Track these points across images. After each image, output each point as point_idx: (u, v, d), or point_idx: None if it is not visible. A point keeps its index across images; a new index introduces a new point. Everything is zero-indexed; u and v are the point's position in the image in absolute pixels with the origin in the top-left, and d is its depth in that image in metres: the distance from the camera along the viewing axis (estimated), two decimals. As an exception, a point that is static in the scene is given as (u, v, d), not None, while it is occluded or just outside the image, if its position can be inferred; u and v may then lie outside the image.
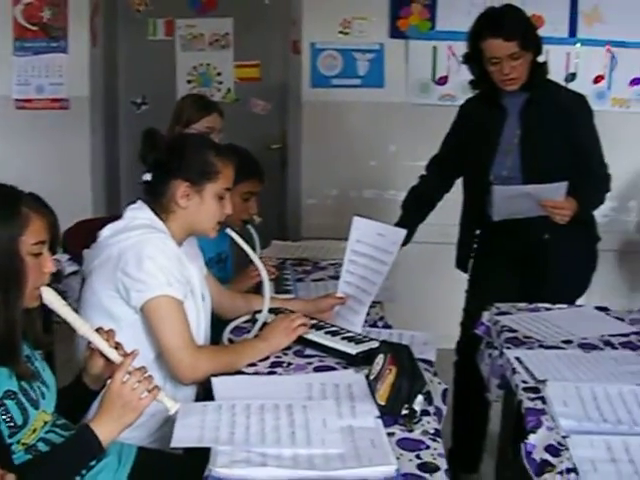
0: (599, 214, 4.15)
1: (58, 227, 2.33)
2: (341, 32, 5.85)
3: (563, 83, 5.57)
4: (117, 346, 2.34)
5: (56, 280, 2.69)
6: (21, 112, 6.14)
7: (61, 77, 6.07)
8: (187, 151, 2.94)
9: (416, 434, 2.29)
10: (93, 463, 2.32)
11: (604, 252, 5.61)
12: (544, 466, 2.10)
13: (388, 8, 5.83)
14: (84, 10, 6.03)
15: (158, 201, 2.91)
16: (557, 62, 5.68)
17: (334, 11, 5.82)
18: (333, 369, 2.78)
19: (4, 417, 2.14)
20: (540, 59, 3.90)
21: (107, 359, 2.34)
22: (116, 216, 2.99)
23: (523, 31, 3.76)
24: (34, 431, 2.24)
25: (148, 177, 2.94)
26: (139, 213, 2.92)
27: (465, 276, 4.18)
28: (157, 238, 2.83)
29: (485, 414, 4.14)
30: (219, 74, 6.35)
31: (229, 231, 3.07)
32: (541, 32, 4.78)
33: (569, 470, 2.03)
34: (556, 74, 5.36)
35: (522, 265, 3.97)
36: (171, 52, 6.36)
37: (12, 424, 2.16)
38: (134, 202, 2.99)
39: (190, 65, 6.36)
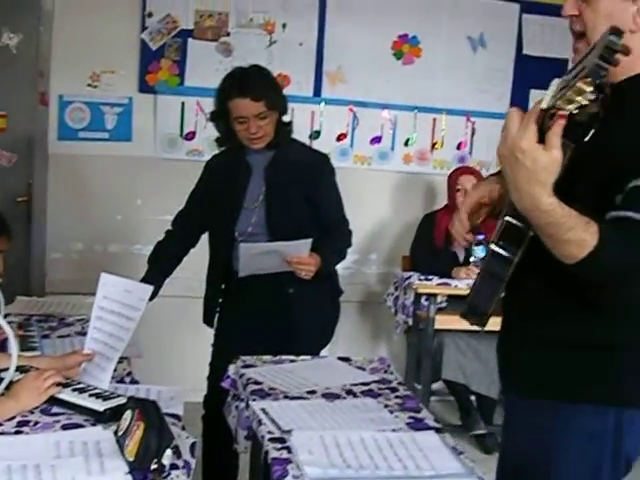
0: (342, 266, 4.31)
1: None
2: (90, 85, 5.83)
3: (308, 140, 5.80)
4: None
5: None
6: None
7: None
8: None
9: (165, 487, 2.32)
10: None
11: (347, 303, 5.83)
12: (289, 514, 2.17)
13: (137, 62, 5.87)
14: None
15: None
16: (302, 120, 5.92)
17: (83, 64, 5.80)
18: (81, 426, 2.75)
19: None
20: (285, 118, 4.04)
21: None
22: None
23: (269, 91, 3.89)
24: None
25: None
26: None
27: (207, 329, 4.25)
28: None
29: (235, 466, 4.20)
30: (-38, 124, 6.18)
31: None
32: (287, 91, 4.97)
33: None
34: (301, 131, 5.61)
35: (267, 319, 4.04)
36: None
37: None
38: None
39: None
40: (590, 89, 1.84)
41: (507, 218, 2.24)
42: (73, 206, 5.95)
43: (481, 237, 4.25)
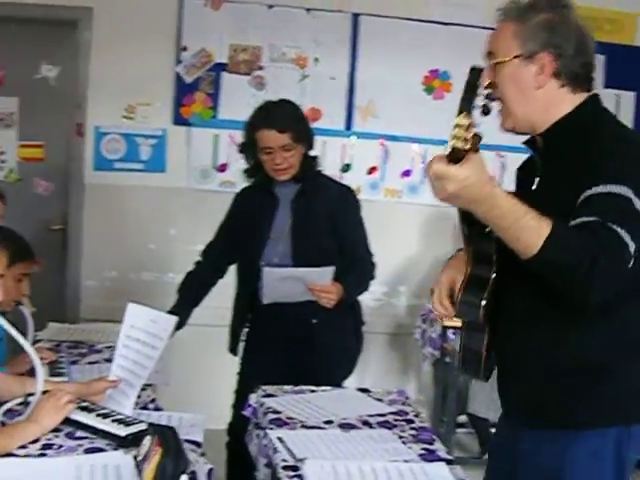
0: (371, 298, 4.37)
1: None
2: (125, 117, 5.96)
3: (339, 173, 5.87)
4: None
5: None
6: None
7: None
8: None
9: (178, 512, 2.39)
10: None
11: (376, 335, 5.91)
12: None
13: (172, 95, 5.99)
14: None
15: None
16: (333, 153, 6.01)
17: (119, 96, 5.92)
18: (103, 451, 2.84)
19: None
20: (312, 152, 4.13)
21: None
22: None
23: (296, 124, 4.00)
24: None
25: None
26: None
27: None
28: None
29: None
30: (2, 153, 6.29)
31: None
32: (319, 124, 5.06)
33: None
34: (332, 164, 5.70)
35: (291, 348, 4.10)
36: (-48, 130, 6.30)
37: None
38: None
39: (-28, 143, 6.32)
40: (467, 121, 2.07)
41: (468, 270, 2.49)
42: (108, 235, 6.06)
43: None
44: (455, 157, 2.09)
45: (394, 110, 6.16)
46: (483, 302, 2.44)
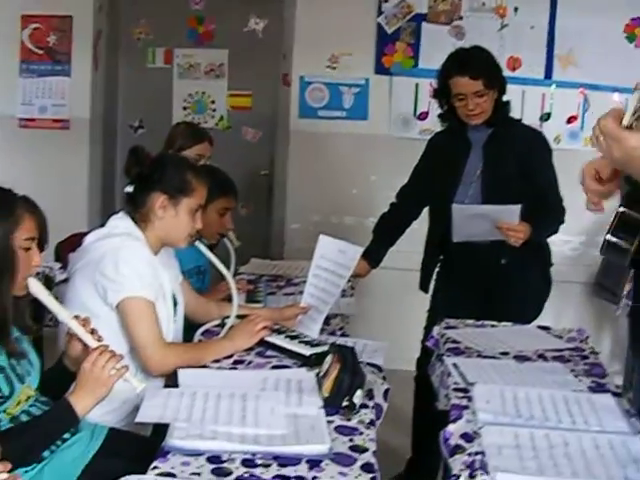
0: (568, 247, 4.35)
1: (47, 227, 2.64)
2: (328, 66, 6.18)
3: (538, 122, 5.88)
4: (92, 332, 2.64)
5: (48, 286, 2.96)
6: (24, 131, 6.47)
7: (63, 99, 6.39)
8: (167, 167, 3.26)
9: (353, 423, 2.57)
10: (67, 436, 2.61)
11: (572, 284, 5.89)
12: (456, 449, 2.38)
13: (374, 45, 6.15)
14: (88, 37, 6.38)
15: (138, 211, 3.22)
16: (533, 102, 6.01)
17: (323, 46, 6.15)
18: (289, 368, 3.07)
19: None
20: (504, 98, 4.20)
21: (84, 343, 2.64)
22: (102, 224, 3.30)
23: (488, 71, 4.06)
24: (18, 403, 2.55)
25: (130, 189, 3.26)
26: (120, 222, 3.23)
27: (425, 299, 4.46)
28: (133, 245, 3.13)
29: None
30: (213, 102, 6.66)
31: (198, 244, 3.34)
32: (518, 73, 5.09)
33: (477, 453, 2.31)
34: (532, 113, 5.72)
35: (481, 287, 4.21)
36: (168, 79, 6.72)
37: (0, 395, 2.46)
38: (117, 212, 3.30)
39: (186, 92, 6.70)
40: None
41: (620, 209, 2.36)
42: (311, 180, 6.32)
43: None
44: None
45: (595, 59, 6.08)
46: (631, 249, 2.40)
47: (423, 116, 6.18)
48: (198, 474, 2.20)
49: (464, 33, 6.03)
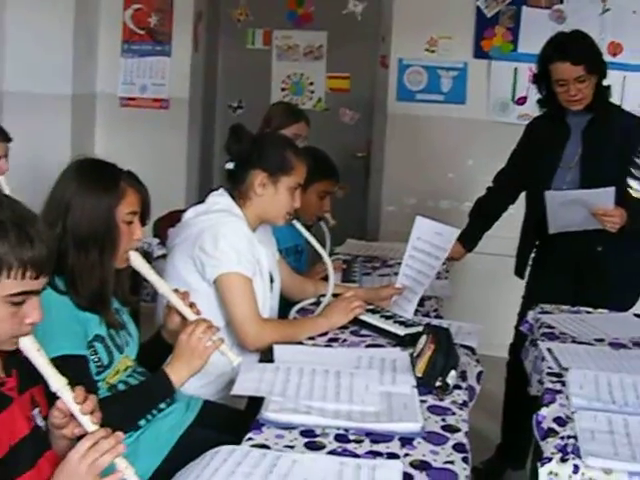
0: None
1: (149, 202, 2.71)
2: (427, 50, 6.16)
3: (639, 109, 5.78)
4: (191, 305, 2.70)
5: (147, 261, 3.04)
6: (125, 109, 6.61)
7: (163, 79, 6.51)
8: (268, 146, 3.32)
9: (446, 403, 2.60)
10: (163, 406, 2.68)
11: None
12: (549, 432, 2.39)
13: (473, 29, 6.11)
14: (188, 18, 6.48)
15: (237, 188, 3.28)
16: (634, 88, 5.88)
17: (421, 30, 6.13)
18: (383, 347, 3.10)
19: (93, 357, 2.52)
20: (604, 82, 4.15)
21: (182, 316, 2.71)
22: (201, 201, 3.37)
23: (589, 56, 4.01)
24: (117, 372, 2.62)
25: (231, 166, 3.32)
26: (220, 199, 3.29)
27: (519, 285, 4.44)
28: (232, 222, 3.19)
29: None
30: (311, 83, 6.71)
31: (295, 222, 3.39)
32: (619, 59, 5.02)
33: (570, 437, 2.32)
34: (633, 99, 5.62)
35: (576, 274, 4.19)
36: (267, 61, 6.79)
37: (99, 364, 2.55)
38: (217, 189, 3.36)
39: (285, 74, 6.77)
40: None
41: None
42: (408, 163, 6.30)
43: None
44: None
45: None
46: None
47: (521, 101, 6.13)
48: (292, 447, 2.25)
49: (565, 17, 5.94)
